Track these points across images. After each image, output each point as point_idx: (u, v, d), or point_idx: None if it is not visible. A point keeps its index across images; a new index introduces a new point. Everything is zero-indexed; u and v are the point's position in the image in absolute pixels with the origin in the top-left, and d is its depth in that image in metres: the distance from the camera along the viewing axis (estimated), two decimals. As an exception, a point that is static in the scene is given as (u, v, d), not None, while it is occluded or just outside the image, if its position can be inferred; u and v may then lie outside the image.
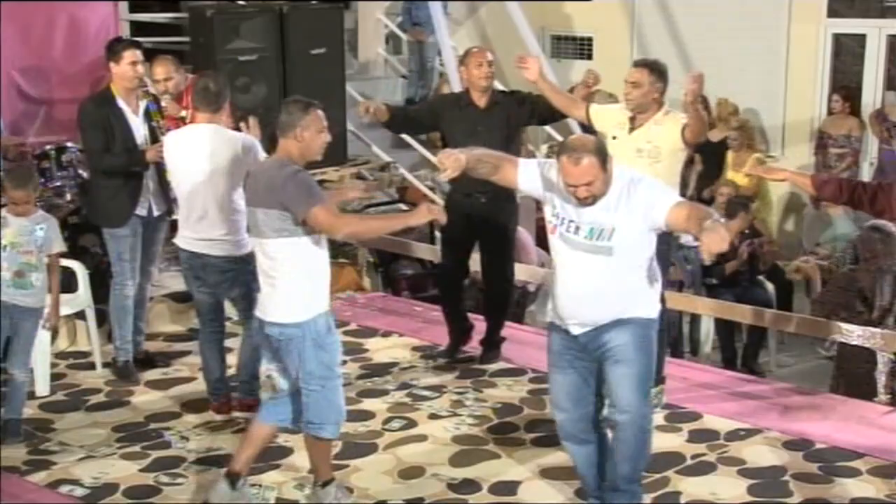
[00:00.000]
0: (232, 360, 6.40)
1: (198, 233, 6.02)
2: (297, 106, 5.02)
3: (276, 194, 4.85)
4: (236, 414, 6.29)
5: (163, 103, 7.07)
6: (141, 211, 6.73)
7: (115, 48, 6.67)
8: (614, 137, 6.22)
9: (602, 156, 4.59)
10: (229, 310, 6.42)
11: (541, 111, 6.77)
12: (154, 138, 6.69)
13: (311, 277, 4.98)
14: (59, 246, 6.29)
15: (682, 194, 6.50)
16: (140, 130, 6.67)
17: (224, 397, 6.33)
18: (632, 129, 6.17)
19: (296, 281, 4.95)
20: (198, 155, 5.96)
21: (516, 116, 6.83)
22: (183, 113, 7.43)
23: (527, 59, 6.62)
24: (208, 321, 6.28)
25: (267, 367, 5.20)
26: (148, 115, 6.71)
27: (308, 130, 4.96)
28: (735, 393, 6.72)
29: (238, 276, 5.97)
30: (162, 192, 6.77)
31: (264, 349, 5.20)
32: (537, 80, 6.58)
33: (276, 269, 4.94)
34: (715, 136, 10.68)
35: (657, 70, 6.16)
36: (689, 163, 7.13)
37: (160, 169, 6.68)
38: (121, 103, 6.63)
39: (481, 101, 6.78)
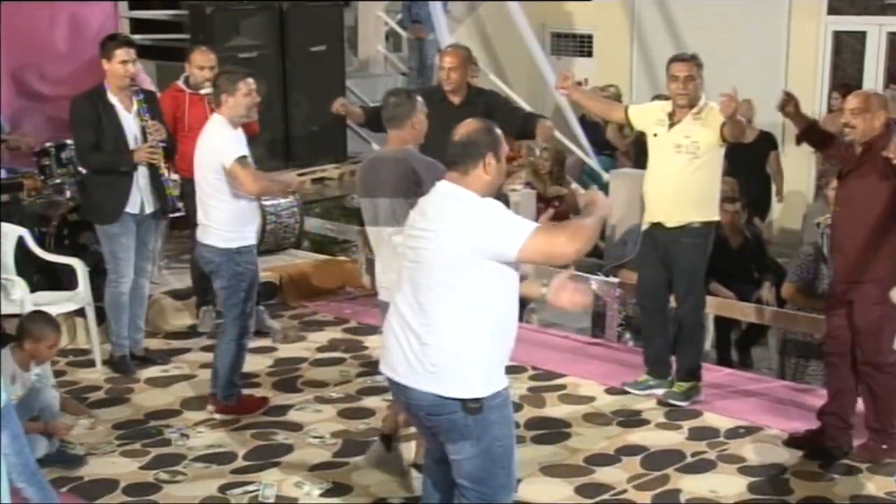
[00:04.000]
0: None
1: None
2: (405, 96, 5.25)
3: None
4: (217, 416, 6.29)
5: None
6: (132, 209, 6.68)
7: (107, 46, 6.62)
8: (655, 135, 6.27)
9: None
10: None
11: (510, 125, 6.44)
12: (146, 138, 6.65)
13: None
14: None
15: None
16: (132, 128, 6.62)
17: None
18: (671, 125, 6.21)
19: None
20: None
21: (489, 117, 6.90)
22: None
23: (564, 81, 6.60)
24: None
25: None
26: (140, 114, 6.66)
27: (419, 117, 5.18)
28: (735, 391, 6.72)
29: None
30: (155, 190, 6.74)
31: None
32: (571, 94, 6.75)
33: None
34: (749, 136, 10.61)
35: (700, 62, 6.23)
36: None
37: (154, 166, 6.66)
38: (113, 100, 6.59)
39: (455, 97, 6.83)
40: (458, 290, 4.01)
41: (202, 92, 7.23)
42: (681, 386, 6.48)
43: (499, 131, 4.20)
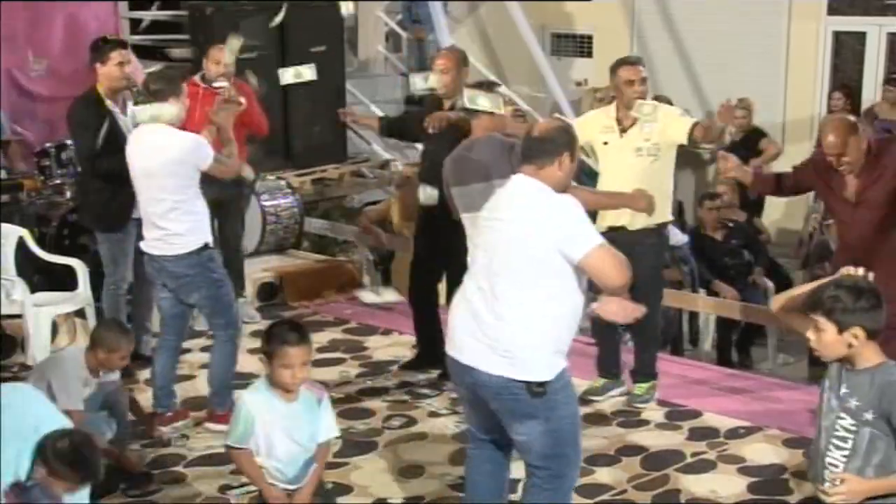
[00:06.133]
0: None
1: None
2: (487, 88, 5.69)
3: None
4: (209, 426, 6.11)
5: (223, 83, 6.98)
6: (135, 213, 6.65)
7: (101, 48, 6.55)
8: (606, 143, 6.24)
9: None
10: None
11: None
12: None
13: None
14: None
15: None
16: (129, 131, 6.54)
17: (171, 408, 6.18)
18: (623, 130, 6.19)
19: None
20: None
21: None
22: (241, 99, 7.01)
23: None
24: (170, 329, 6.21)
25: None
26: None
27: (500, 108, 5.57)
28: (735, 390, 6.73)
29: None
30: None
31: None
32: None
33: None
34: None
35: (644, 63, 6.36)
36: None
37: None
38: (109, 103, 6.54)
39: (447, 104, 6.62)
40: (529, 278, 4.19)
41: (215, 85, 7.19)
42: (641, 387, 6.51)
43: (575, 131, 4.48)
